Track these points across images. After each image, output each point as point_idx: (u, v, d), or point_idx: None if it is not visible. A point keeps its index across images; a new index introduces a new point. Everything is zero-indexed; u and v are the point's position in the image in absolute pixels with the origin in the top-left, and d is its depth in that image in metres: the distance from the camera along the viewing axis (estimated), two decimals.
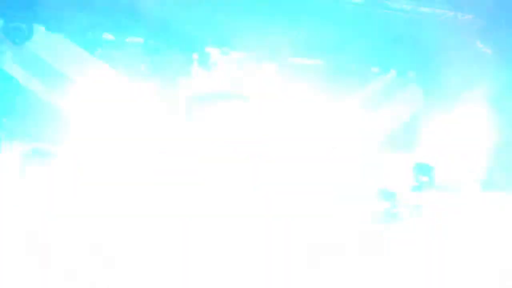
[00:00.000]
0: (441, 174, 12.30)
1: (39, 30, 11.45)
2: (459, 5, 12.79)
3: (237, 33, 11.52)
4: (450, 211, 11.44)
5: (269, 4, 11.65)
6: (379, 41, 12.13)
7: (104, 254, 7.65)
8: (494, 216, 10.87)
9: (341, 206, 10.76)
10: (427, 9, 12.77)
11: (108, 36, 11.75)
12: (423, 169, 12.42)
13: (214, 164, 11.14)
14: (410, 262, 8.97)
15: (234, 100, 12.59)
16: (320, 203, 10.19)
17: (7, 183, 10.27)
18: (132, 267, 7.43)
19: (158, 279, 7.35)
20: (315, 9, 11.89)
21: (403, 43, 12.54)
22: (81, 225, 8.81)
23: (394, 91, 13.54)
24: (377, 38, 12.05)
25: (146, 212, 9.39)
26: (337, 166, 11.80)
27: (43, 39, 11.47)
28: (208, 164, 11.09)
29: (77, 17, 11.23)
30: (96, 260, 7.50)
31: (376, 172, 12.34)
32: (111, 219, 8.96)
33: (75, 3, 10.94)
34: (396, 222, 11.07)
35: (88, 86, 11.37)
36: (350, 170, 11.74)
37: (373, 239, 9.43)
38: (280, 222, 9.19)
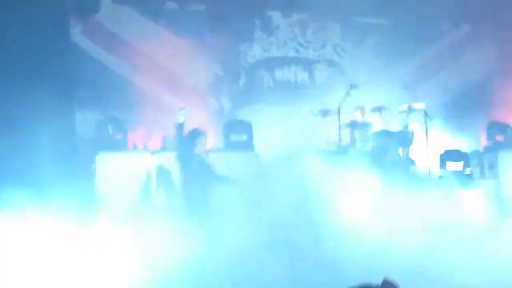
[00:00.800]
0: None
1: (106, 2, 11.73)
2: None
3: None
4: None
5: None
6: None
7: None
8: None
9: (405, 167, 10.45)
10: None
11: (171, 4, 11.90)
12: (498, 128, 11.89)
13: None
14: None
15: (297, 64, 12.46)
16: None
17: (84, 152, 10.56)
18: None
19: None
20: None
21: None
22: None
23: (467, 48, 12.98)
24: None
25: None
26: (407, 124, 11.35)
27: (109, 11, 11.74)
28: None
29: None
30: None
31: (446, 132, 11.94)
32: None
33: None
34: (469, 183, 10.66)
35: (153, 55, 11.57)
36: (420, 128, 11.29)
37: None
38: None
